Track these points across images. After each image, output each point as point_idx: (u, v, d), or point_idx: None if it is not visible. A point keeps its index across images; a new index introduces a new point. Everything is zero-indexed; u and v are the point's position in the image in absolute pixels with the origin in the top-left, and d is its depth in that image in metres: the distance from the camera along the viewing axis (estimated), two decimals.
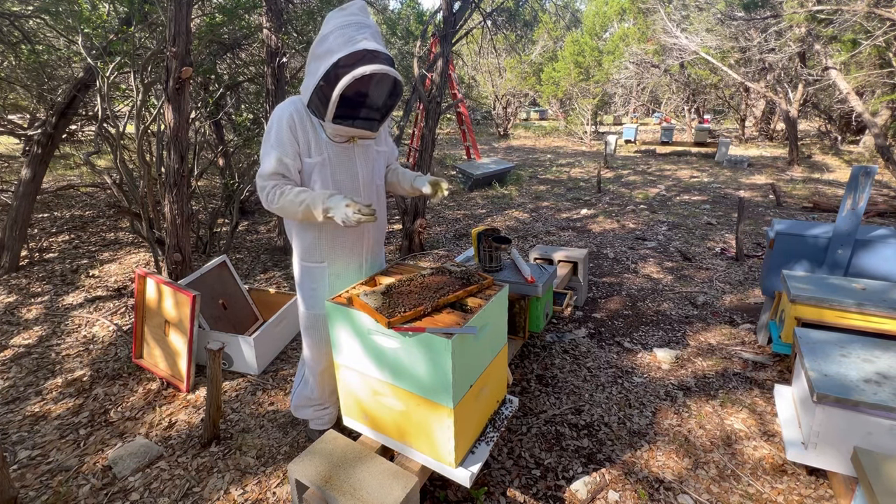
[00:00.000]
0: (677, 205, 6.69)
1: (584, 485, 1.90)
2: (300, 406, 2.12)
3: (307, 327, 1.93)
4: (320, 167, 1.71)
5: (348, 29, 1.56)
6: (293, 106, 1.67)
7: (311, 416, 2.11)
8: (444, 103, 5.03)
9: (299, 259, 1.88)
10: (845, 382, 1.69)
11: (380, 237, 1.97)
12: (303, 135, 1.67)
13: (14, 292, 3.78)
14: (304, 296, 1.90)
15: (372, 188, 1.85)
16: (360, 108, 1.66)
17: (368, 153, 1.82)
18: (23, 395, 2.53)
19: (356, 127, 1.66)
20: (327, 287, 1.86)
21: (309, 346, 1.96)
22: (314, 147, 1.69)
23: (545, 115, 22.97)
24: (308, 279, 1.87)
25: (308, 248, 1.83)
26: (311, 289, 1.87)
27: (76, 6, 3.87)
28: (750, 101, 14.72)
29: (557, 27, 18.44)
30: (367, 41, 1.55)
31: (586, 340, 3.04)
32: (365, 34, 1.56)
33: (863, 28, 6.88)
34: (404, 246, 4.67)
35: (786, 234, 2.76)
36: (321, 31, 1.63)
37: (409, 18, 9.81)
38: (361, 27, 1.57)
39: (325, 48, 1.57)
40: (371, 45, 1.54)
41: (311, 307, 1.89)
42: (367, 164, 1.81)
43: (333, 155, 1.72)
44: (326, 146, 1.70)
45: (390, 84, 1.65)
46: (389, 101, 1.71)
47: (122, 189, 3.84)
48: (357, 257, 1.88)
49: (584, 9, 22.85)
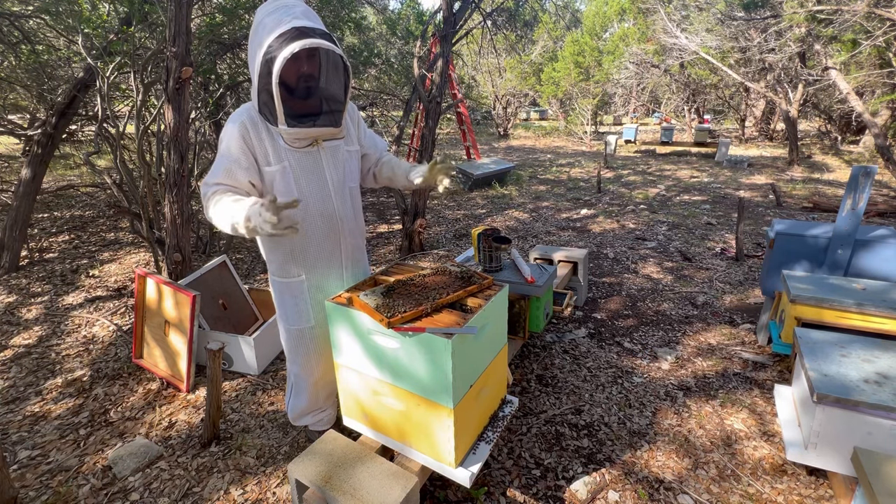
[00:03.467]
0: (677, 205, 6.69)
1: (584, 485, 1.90)
2: (297, 417, 2.05)
3: (293, 346, 1.85)
4: (282, 175, 1.57)
5: (275, 14, 1.44)
6: (246, 113, 1.53)
7: (309, 421, 2.06)
8: (444, 103, 5.03)
9: (275, 277, 1.77)
10: (845, 382, 1.69)
11: (358, 242, 1.87)
12: (258, 143, 1.53)
13: (14, 292, 3.78)
14: (286, 313, 1.80)
15: (344, 192, 1.73)
16: (311, 102, 1.51)
17: (337, 155, 1.68)
18: (23, 395, 2.53)
19: (316, 126, 1.51)
20: (309, 300, 1.77)
21: (297, 363, 1.88)
22: (272, 155, 1.55)
23: (545, 115, 22.97)
24: (287, 295, 1.77)
25: (281, 263, 1.73)
26: (293, 304, 1.78)
27: (76, 6, 3.87)
28: (750, 101, 14.72)
29: (557, 27, 18.44)
30: (297, 19, 1.42)
31: (586, 340, 3.04)
32: (294, 13, 1.44)
33: (863, 28, 6.88)
34: (404, 246, 4.67)
35: (786, 234, 2.76)
36: (251, 29, 1.51)
37: (409, 18, 9.80)
38: (289, 9, 1.45)
39: (255, 42, 1.45)
40: (300, 23, 1.41)
41: (294, 322, 1.80)
42: (336, 168, 1.68)
43: (295, 161, 1.59)
44: (286, 153, 1.57)
45: (335, 63, 1.48)
46: (341, 84, 1.52)
47: (122, 189, 3.84)
48: (336, 265, 1.79)
49: (584, 9, 22.84)
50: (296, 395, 1.99)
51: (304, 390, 1.95)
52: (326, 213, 1.69)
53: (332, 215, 1.70)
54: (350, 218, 1.78)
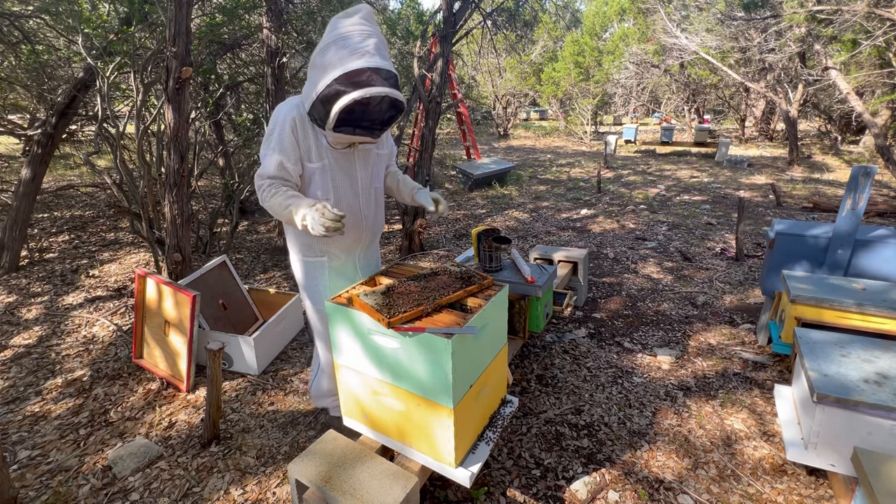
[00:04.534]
0: (677, 205, 6.69)
1: (584, 485, 1.90)
2: (319, 396, 2.17)
3: (320, 326, 1.95)
4: (321, 172, 1.71)
5: (350, 41, 1.49)
6: (296, 110, 1.64)
7: (330, 404, 2.16)
8: (444, 103, 5.03)
9: (300, 255, 1.88)
10: (845, 382, 1.69)
11: (375, 238, 1.98)
12: (304, 140, 1.66)
13: (14, 292, 3.78)
14: (311, 294, 1.91)
15: (370, 191, 1.85)
16: (361, 119, 1.63)
17: (368, 157, 1.82)
18: (23, 395, 2.53)
19: (357, 134, 1.64)
20: (328, 282, 1.88)
21: (323, 346, 1.99)
22: (315, 152, 1.69)
23: (545, 116, 22.96)
24: (312, 275, 1.89)
25: (307, 243, 1.84)
26: (316, 284, 1.89)
27: (76, 6, 3.87)
28: (750, 101, 14.72)
29: (557, 27, 18.44)
30: (370, 57, 1.47)
31: (586, 340, 3.04)
32: (368, 47, 1.49)
33: (863, 28, 6.88)
34: (404, 246, 4.67)
35: (786, 234, 2.76)
36: (324, 37, 1.57)
37: (409, 18, 9.80)
38: (364, 38, 1.50)
39: (325, 60, 1.51)
40: (373, 63, 1.47)
41: (317, 303, 1.91)
42: (366, 168, 1.82)
43: (334, 160, 1.72)
44: (327, 152, 1.70)
45: (395, 104, 1.61)
46: (391, 114, 1.67)
47: (122, 189, 3.84)
48: (353, 255, 1.91)
49: (584, 9, 22.85)
50: (321, 376, 2.10)
51: (329, 373, 2.05)
52: (353, 209, 1.81)
53: (357, 211, 1.82)
54: (372, 215, 1.89)
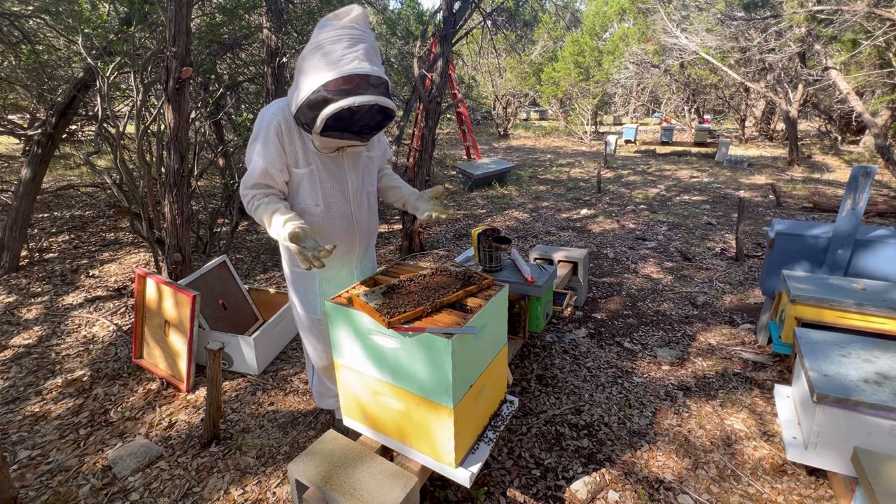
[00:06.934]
0: (677, 205, 6.69)
1: (584, 485, 1.90)
2: (322, 396, 2.17)
3: (304, 333, 1.95)
4: (308, 177, 1.66)
5: (339, 45, 1.41)
6: (281, 113, 1.57)
7: (334, 405, 2.15)
8: (444, 103, 5.03)
9: (288, 265, 1.87)
10: (845, 382, 1.69)
11: (370, 243, 1.95)
12: (290, 144, 1.59)
13: (14, 292, 3.78)
14: (299, 299, 1.89)
15: (362, 196, 1.80)
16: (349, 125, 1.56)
17: (358, 160, 1.75)
18: (23, 395, 2.53)
19: (345, 138, 1.57)
20: (318, 291, 1.85)
21: (309, 348, 1.99)
22: (302, 157, 1.63)
23: (545, 116, 22.96)
24: (300, 284, 1.86)
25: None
26: (304, 294, 1.87)
27: (76, 6, 3.86)
28: (750, 102, 14.71)
29: (557, 27, 18.43)
30: (359, 62, 1.40)
31: (586, 340, 3.04)
32: (358, 52, 1.41)
33: (863, 28, 6.88)
34: (404, 246, 4.67)
35: (786, 235, 2.76)
36: (311, 39, 1.47)
37: (409, 18, 9.80)
38: (354, 42, 1.42)
39: (312, 63, 1.43)
40: (362, 69, 1.39)
41: (310, 311, 1.89)
42: (356, 172, 1.75)
43: (322, 164, 1.66)
44: (314, 156, 1.64)
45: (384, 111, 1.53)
46: (380, 120, 1.58)
47: (122, 189, 3.84)
48: (347, 263, 1.87)
49: (584, 9, 22.85)
50: (318, 379, 2.12)
51: (322, 375, 2.06)
52: (346, 215, 1.77)
53: (349, 217, 1.78)
54: (365, 220, 1.84)
